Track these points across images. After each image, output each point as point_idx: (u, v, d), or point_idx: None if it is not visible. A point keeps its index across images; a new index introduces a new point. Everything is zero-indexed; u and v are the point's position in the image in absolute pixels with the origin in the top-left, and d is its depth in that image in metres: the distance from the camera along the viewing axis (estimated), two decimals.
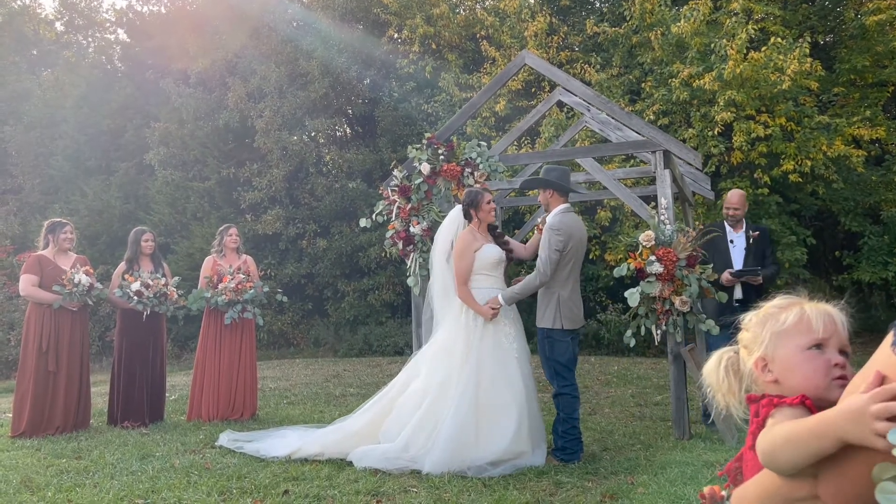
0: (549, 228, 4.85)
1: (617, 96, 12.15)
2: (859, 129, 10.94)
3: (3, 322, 13.66)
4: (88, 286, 6.20)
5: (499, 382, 4.71)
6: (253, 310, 6.77)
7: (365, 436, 4.89)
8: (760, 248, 5.95)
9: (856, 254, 11.80)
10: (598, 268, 12.74)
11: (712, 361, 1.47)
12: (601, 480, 4.33)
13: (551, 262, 4.78)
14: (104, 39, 22.62)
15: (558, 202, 4.98)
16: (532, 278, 4.88)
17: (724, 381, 1.43)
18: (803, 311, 1.32)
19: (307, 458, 4.90)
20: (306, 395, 8.23)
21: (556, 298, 4.85)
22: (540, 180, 5.15)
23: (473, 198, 5.04)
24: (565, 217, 4.91)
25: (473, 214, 5.03)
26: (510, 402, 4.66)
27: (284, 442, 5.18)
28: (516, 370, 4.80)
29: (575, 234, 4.87)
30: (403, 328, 13.59)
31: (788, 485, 1.11)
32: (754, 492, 1.21)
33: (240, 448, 5.22)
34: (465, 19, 14.99)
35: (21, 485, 4.39)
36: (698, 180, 7.96)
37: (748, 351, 1.40)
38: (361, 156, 15.27)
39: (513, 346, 4.86)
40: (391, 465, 4.55)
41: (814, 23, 12.66)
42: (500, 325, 4.87)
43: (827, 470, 1.04)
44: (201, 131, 15.85)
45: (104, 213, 16.25)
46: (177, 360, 13.92)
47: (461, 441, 4.50)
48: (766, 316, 1.37)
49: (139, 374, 6.47)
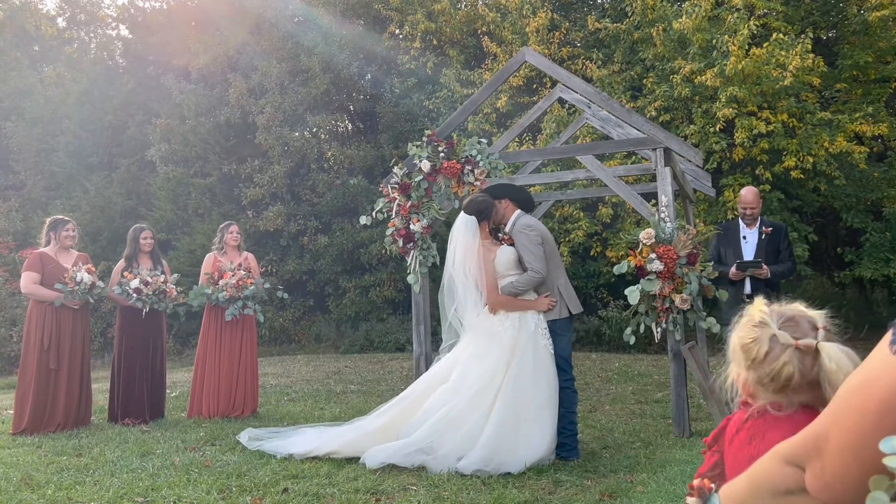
0: (520, 231, 4.97)
1: (618, 92, 12.13)
2: (861, 125, 10.90)
3: (5, 318, 13.69)
4: (90, 284, 6.21)
5: (540, 382, 4.70)
6: (254, 306, 6.77)
7: (382, 436, 4.84)
8: (774, 245, 5.92)
9: (858, 250, 11.76)
10: (599, 264, 12.73)
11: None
12: (600, 479, 4.33)
13: (538, 257, 4.88)
14: (106, 35, 22.62)
15: (513, 210, 5.15)
16: (527, 277, 4.88)
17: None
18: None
19: (323, 456, 4.85)
20: (307, 392, 8.24)
21: (555, 289, 4.96)
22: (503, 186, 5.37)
23: (485, 206, 5.04)
24: (525, 218, 5.09)
25: (485, 224, 5.05)
26: (546, 402, 4.67)
27: (303, 440, 5.15)
28: (552, 367, 4.80)
29: (540, 227, 5.10)
30: (404, 325, 13.59)
31: (776, 478, 1.12)
32: (742, 486, 1.23)
33: (258, 447, 5.15)
34: (467, 15, 14.97)
35: (21, 482, 4.40)
36: (699, 177, 7.94)
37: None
38: (362, 152, 15.27)
39: (549, 341, 4.86)
40: (406, 460, 4.52)
41: (816, 18, 12.60)
42: (538, 322, 4.86)
43: (812, 461, 1.04)
44: (203, 127, 15.85)
45: (106, 209, 16.26)
46: (178, 356, 13.94)
47: (500, 443, 4.47)
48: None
49: (139, 371, 6.48)
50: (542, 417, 4.65)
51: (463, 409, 4.63)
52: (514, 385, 4.65)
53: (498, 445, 4.46)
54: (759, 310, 1.46)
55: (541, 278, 4.88)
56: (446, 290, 5.09)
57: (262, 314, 6.88)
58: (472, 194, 5.57)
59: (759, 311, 1.46)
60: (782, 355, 1.38)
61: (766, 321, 1.43)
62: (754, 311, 1.47)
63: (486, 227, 5.05)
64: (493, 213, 5.07)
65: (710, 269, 5.45)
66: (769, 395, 1.43)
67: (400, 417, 4.91)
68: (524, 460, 4.47)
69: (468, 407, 4.63)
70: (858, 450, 0.95)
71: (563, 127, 11.15)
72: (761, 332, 1.42)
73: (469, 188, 6.20)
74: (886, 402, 0.92)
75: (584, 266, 13.05)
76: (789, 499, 1.11)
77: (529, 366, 4.71)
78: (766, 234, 5.92)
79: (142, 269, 6.54)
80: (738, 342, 1.47)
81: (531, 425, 4.61)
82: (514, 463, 4.45)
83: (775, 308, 1.45)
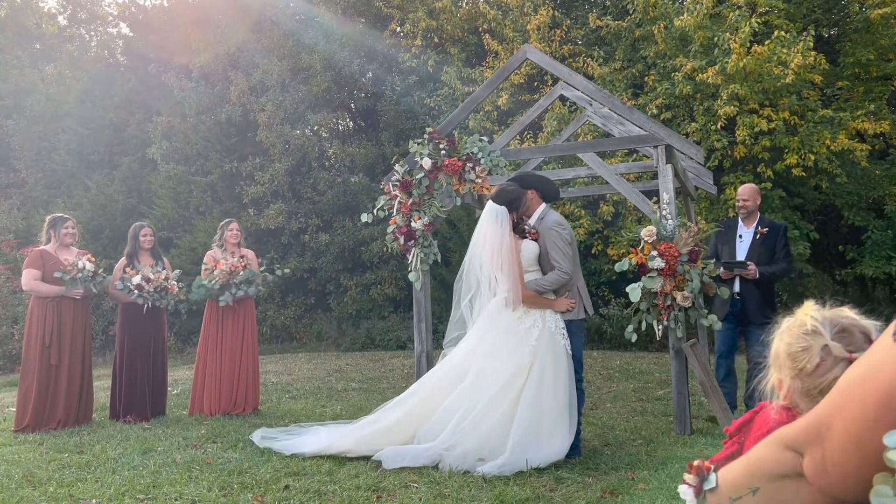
0: (551, 228, 4.86)
1: (620, 90, 12.11)
2: (863, 122, 10.88)
3: (7, 316, 13.69)
4: (93, 273, 6.23)
5: (561, 383, 4.64)
6: (247, 289, 6.66)
7: (396, 434, 4.78)
8: (769, 245, 5.87)
9: (859, 248, 11.75)
10: (600, 262, 12.73)
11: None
12: (602, 476, 4.33)
13: (567, 256, 4.80)
14: (107, 33, 22.59)
15: (538, 203, 5.04)
16: (556, 277, 4.77)
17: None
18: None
19: (337, 454, 4.81)
20: (308, 390, 8.24)
21: (575, 290, 4.91)
22: (531, 176, 5.26)
23: (516, 197, 4.86)
24: (554, 214, 5.00)
25: (513, 215, 4.88)
26: (567, 403, 4.63)
27: (315, 438, 5.10)
28: (571, 368, 4.75)
29: (569, 227, 5.01)
30: (406, 323, 13.59)
31: (774, 462, 1.12)
32: (739, 468, 1.22)
33: (269, 446, 5.10)
34: (468, 13, 14.95)
35: (23, 479, 4.41)
36: (701, 175, 7.93)
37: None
38: (364, 150, 15.26)
39: (568, 342, 4.79)
40: (430, 461, 4.49)
41: (818, 16, 12.58)
42: (557, 321, 4.79)
43: (812, 447, 1.04)
44: (204, 125, 15.85)
45: (107, 207, 16.26)
46: (179, 354, 13.95)
47: (527, 448, 4.43)
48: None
49: (141, 368, 6.49)
50: (563, 418, 4.59)
51: (483, 408, 4.55)
52: (539, 387, 4.57)
53: (525, 450, 4.41)
54: (810, 316, 1.34)
55: (567, 279, 4.79)
56: (464, 279, 4.96)
57: (256, 287, 6.75)
58: (499, 185, 5.23)
59: (811, 317, 1.34)
60: (834, 368, 1.28)
61: (819, 330, 1.31)
62: (804, 316, 1.35)
63: (514, 218, 4.87)
64: (522, 205, 4.91)
65: (711, 266, 5.45)
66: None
67: (415, 417, 4.81)
68: (544, 460, 4.44)
69: (488, 406, 4.55)
70: (859, 439, 0.95)
71: (564, 125, 11.15)
72: (813, 341, 1.31)
73: (470, 185, 6.19)
74: (889, 394, 0.92)
75: (586, 264, 13.04)
76: (785, 483, 1.10)
77: (551, 367, 4.63)
78: (762, 233, 5.90)
79: (144, 267, 6.54)
80: (785, 349, 1.36)
81: (553, 427, 4.55)
82: (534, 463, 4.42)
83: (827, 315, 1.33)
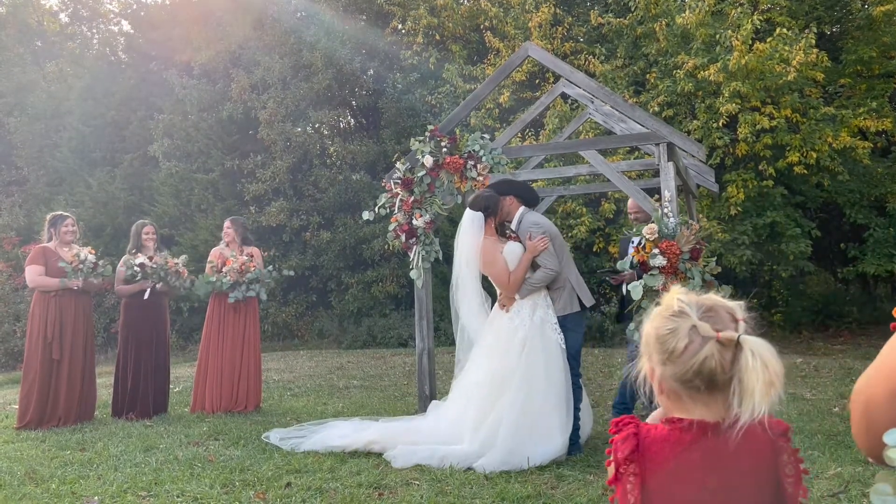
0: (528, 229, 4.98)
1: (621, 88, 12.10)
2: (865, 120, 10.87)
3: (9, 313, 13.73)
4: (94, 264, 6.28)
5: (553, 378, 4.68)
6: (258, 289, 6.78)
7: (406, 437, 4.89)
8: None
9: (861, 246, 11.75)
10: (601, 260, 12.73)
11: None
12: (603, 474, 4.33)
13: (549, 253, 4.90)
14: (108, 31, 22.58)
15: (518, 207, 5.18)
16: (542, 274, 4.88)
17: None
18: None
19: (362, 448, 4.86)
20: (310, 387, 8.25)
21: (567, 284, 4.97)
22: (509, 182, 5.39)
23: (492, 202, 5.03)
24: (531, 215, 5.13)
25: (491, 220, 5.04)
26: (561, 398, 4.66)
27: (337, 432, 5.16)
28: (564, 363, 4.79)
29: (546, 223, 5.12)
30: (407, 320, 13.60)
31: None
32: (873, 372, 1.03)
33: (294, 447, 5.05)
34: (469, 10, 14.93)
35: (25, 476, 4.42)
36: (702, 173, 7.92)
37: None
38: (365, 147, 15.25)
39: (561, 336, 4.83)
40: (438, 462, 4.52)
41: (820, 13, 12.56)
42: (546, 317, 4.85)
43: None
44: (205, 123, 15.85)
45: (108, 204, 16.28)
46: (181, 351, 13.97)
47: (516, 443, 4.46)
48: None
49: (143, 366, 6.50)
50: (558, 414, 4.63)
51: (481, 408, 4.66)
52: (526, 383, 4.62)
53: (514, 446, 4.44)
54: (677, 298, 1.30)
55: (554, 274, 4.88)
56: (458, 288, 5.12)
57: (265, 293, 6.88)
58: (475, 191, 5.57)
59: (678, 300, 1.30)
60: (703, 349, 1.24)
61: (686, 311, 1.27)
62: (671, 300, 1.31)
63: (493, 223, 5.05)
64: (499, 210, 5.06)
65: (712, 264, 5.44)
66: (699, 396, 1.27)
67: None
68: (542, 457, 4.47)
69: (485, 405, 4.65)
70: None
71: (565, 122, 11.13)
72: (681, 322, 1.27)
73: (472, 183, 6.19)
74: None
75: (587, 262, 13.05)
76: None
77: (542, 367, 4.68)
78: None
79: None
80: (654, 333, 1.32)
81: (547, 423, 4.58)
82: (533, 460, 4.44)
83: (693, 297, 1.30)
